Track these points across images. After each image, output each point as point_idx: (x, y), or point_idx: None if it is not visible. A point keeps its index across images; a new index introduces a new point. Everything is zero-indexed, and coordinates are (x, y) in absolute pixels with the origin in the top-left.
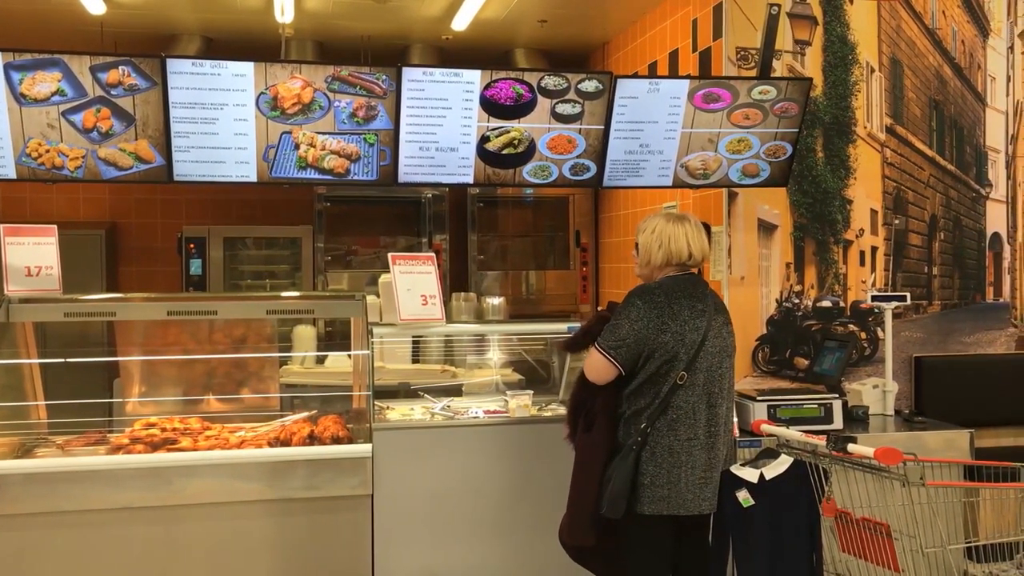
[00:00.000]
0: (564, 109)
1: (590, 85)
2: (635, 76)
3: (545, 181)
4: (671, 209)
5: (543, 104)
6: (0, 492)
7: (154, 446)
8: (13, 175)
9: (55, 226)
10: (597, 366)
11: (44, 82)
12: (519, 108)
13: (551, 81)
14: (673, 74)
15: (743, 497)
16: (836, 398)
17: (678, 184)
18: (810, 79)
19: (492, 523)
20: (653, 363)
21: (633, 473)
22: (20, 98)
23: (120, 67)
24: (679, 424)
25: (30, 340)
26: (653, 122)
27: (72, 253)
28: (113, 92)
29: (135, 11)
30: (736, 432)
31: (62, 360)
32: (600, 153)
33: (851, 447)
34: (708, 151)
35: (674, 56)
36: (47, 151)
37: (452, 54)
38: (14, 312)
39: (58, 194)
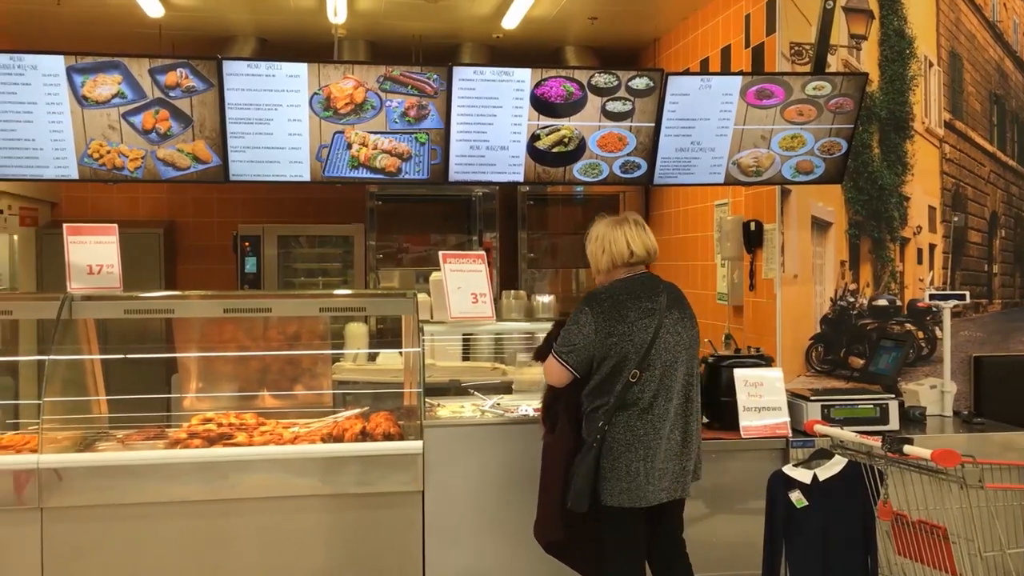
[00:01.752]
0: (614, 107)
1: (641, 82)
2: (686, 73)
3: (595, 179)
4: (723, 207)
5: (593, 102)
6: (62, 484)
7: (210, 441)
8: (75, 175)
9: (115, 225)
10: (553, 370)
11: (105, 84)
12: (569, 106)
13: (601, 79)
14: (725, 70)
15: (796, 498)
16: (892, 398)
17: (730, 181)
18: (866, 74)
19: None
20: (607, 364)
21: (594, 469)
22: (82, 100)
23: (178, 69)
24: (635, 420)
25: (92, 336)
26: (704, 119)
27: (132, 251)
28: (171, 94)
29: (192, 13)
30: (788, 431)
31: (122, 356)
32: (651, 151)
33: (907, 448)
34: (761, 148)
35: (726, 52)
36: (108, 152)
37: (502, 52)
38: (77, 309)
39: (118, 193)
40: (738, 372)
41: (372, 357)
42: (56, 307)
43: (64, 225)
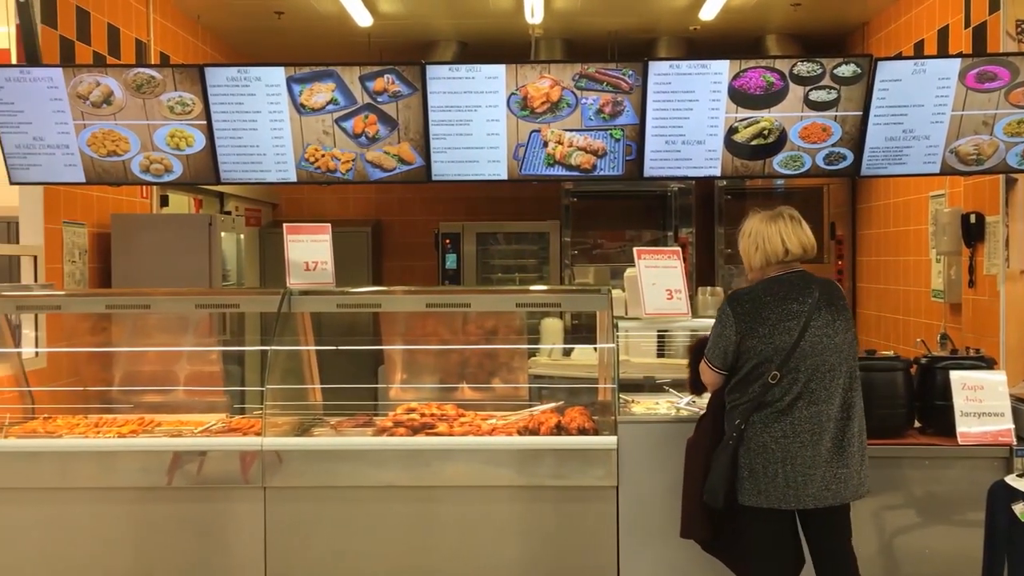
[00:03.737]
0: (818, 96)
1: (847, 69)
2: (898, 57)
3: (797, 172)
4: (938, 198)
5: (795, 92)
6: (283, 466)
7: (414, 430)
8: (294, 178)
9: (329, 224)
10: (705, 373)
11: (320, 92)
12: (770, 97)
13: (804, 67)
14: (942, 53)
15: (1020, 510)
16: None
17: (946, 171)
18: None
19: None
20: (747, 365)
21: (730, 466)
22: (300, 108)
23: (385, 75)
24: (773, 422)
25: (308, 329)
26: (918, 106)
27: (342, 248)
28: (379, 99)
29: (398, 21)
30: (1012, 439)
31: (334, 348)
32: (858, 141)
33: None
34: (982, 134)
35: (943, 33)
36: (322, 156)
37: (700, 44)
38: (295, 303)
39: (331, 194)
40: (955, 374)
41: (567, 352)
42: (277, 301)
43: (284, 225)
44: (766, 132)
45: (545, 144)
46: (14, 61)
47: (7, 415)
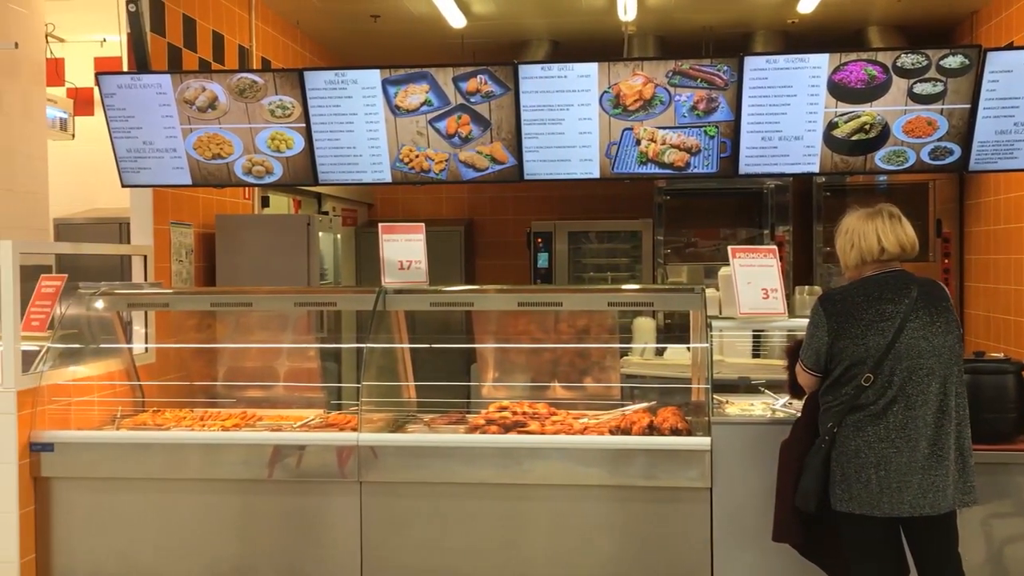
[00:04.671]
0: (923, 89)
1: (954, 61)
2: (1010, 47)
3: (900, 167)
4: None
5: (899, 85)
6: (378, 462)
7: (506, 428)
8: (388, 179)
9: (423, 224)
10: (801, 377)
11: (414, 94)
12: (871, 91)
13: (908, 59)
14: None
15: None
16: None
17: None
18: None
19: None
20: (840, 367)
21: (822, 469)
22: (395, 109)
23: (478, 76)
24: (866, 425)
25: (402, 327)
26: None
27: (435, 248)
28: (472, 99)
29: (491, 21)
30: None
31: (428, 346)
32: (965, 135)
33: None
34: None
35: None
36: (416, 156)
37: (797, 38)
38: (389, 302)
39: (424, 194)
40: None
41: (659, 352)
42: (372, 300)
43: (379, 224)
44: (868, 127)
45: (638, 142)
46: (125, 68)
47: (119, 408)
